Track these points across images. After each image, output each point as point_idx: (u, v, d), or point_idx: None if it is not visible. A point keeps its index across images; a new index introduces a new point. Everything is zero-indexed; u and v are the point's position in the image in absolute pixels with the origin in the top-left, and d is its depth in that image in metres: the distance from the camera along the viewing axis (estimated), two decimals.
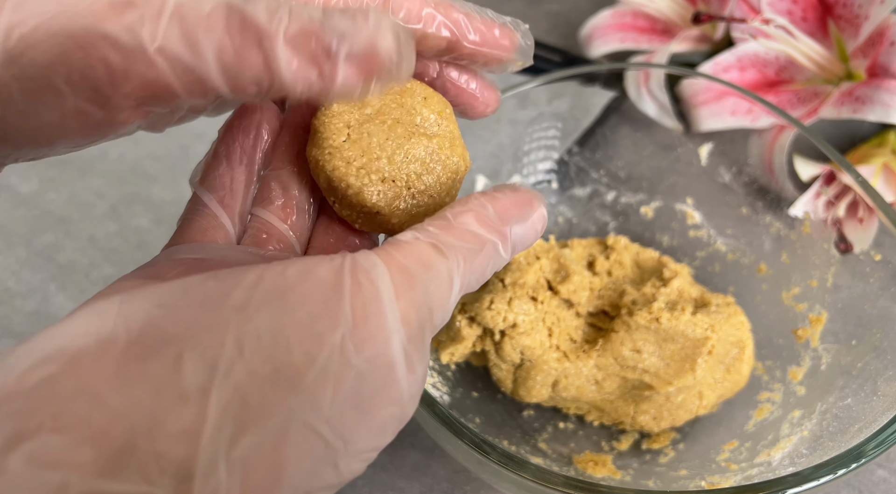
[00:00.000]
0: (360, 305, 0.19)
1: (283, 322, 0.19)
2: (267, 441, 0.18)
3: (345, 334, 0.19)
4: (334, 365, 0.19)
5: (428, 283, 0.20)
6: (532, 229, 0.24)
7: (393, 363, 0.20)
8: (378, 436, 0.20)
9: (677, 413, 0.38)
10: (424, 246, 0.21)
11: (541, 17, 0.64)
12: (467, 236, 0.22)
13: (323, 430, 0.19)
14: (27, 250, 0.49)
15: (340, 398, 0.19)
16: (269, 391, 0.18)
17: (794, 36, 0.48)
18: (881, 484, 0.39)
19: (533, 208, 0.24)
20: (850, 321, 0.38)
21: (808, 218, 0.42)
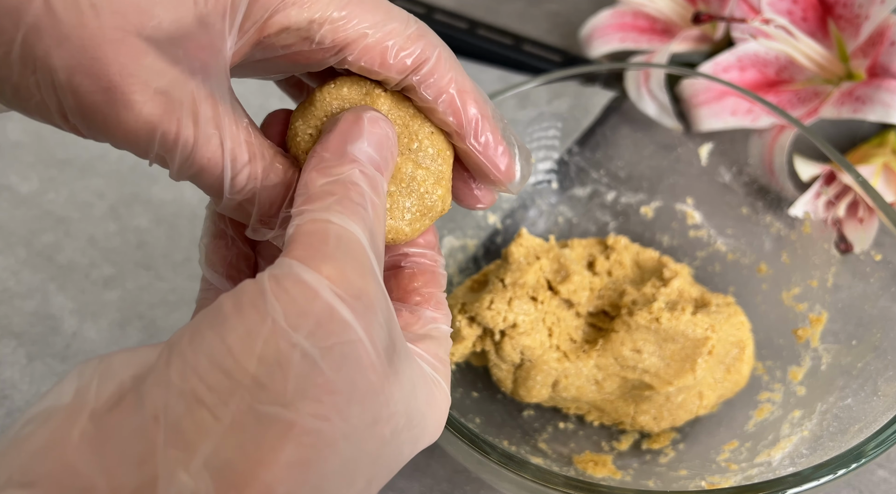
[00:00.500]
0: (284, 293, 0.19)
1: (218, 332, 0.19)
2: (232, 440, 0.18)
3: (274, 319, 0.19)
4: (271, 351, 0.19)
5: (335, 246, 0.21)
6: (375, 136, 0.24)
7: (340, 332, 0.19)
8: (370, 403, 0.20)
9: (677, 413, 0.38)
10: (307, 224, 0.21)
11: (541, 17, 0.64)
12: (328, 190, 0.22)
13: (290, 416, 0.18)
14: (27, 250, 0.49)
15: (296, 379, 0.19)
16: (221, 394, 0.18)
17: (795, 36, 0.48)
18: (881, 484, 0.39)
19: (360, 120, 0.24)
20: (850, 321, 0.38)
21: (809, 218, 0.42)
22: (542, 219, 0.47)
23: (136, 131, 0.22)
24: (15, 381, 0.43)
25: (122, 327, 0.45)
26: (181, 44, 0.22)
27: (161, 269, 0.48)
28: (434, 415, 0.24)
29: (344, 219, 0.21)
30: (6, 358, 0.44)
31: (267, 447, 0.18)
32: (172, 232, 0.49)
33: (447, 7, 0.61)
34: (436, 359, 0.25)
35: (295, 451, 0.18)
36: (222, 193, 0.24)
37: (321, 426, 0.19)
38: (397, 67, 0.25)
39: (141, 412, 0.18)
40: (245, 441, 0.18)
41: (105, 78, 0.21)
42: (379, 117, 0.24)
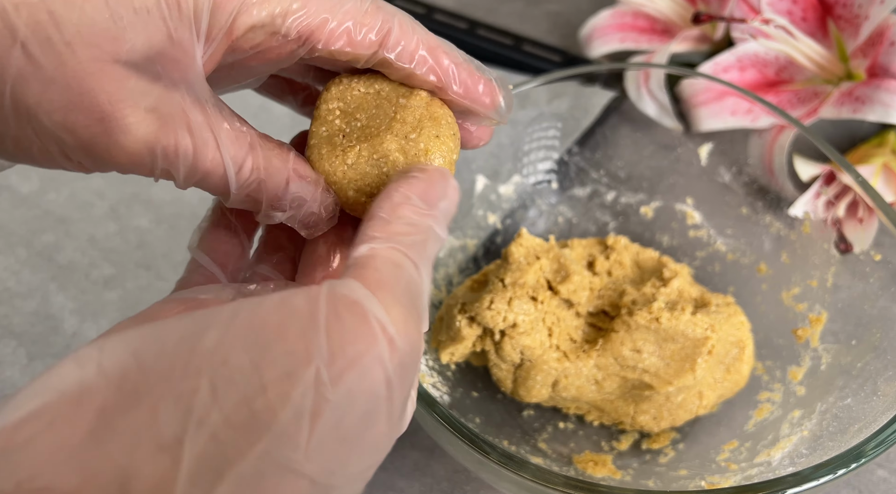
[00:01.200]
0: (338, 333, 0.19)
1: (257, 362, 0.18)
2: (244, 488, 0.18)
3: (319, 367, 0.18)
4: (308, 402, 0.18)
5: (405, 290, 0.20)
6: (453, 203, 0.24)
7: (376, 390, 0.19)
8: (371, 455, 0.20)
9: (677, 413, 0.38)
10: (386, 251, 0.21)
11: (541, 17, 0.64)
12: (410, 230, 0.22)
13: (305, 469, 0.18)
14: (27, 250, 0.49)
15: (320, 434, 0.18)
16: (244, 435, 0.18)
17: (794, 36, 0.48)
18: (881, 484, 0.39)
19: (446, 181, 0.24)
20: (850, 321, 0.38)
21: (808, 218, 0.42)
22: (542, 219, 0.47)
23: (137, 153, 0.22)
24: (15, 381, 0.43)
25: None
26: (157, 61, 0.22)
27: (161, 269, 0.48)
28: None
29: (423, 263, 0.21)
30: (6, 358, 0.44)
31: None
32: (172, 232, 0.49)
33: (447, 7, 0.61)
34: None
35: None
36: (229, 191, 0.24)
37: (326, 480, 0.19)
38: (364, 44, 0.25)
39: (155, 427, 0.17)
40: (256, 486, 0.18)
41: (97, 109, 0.21)
42: (456, 185, 0.25)
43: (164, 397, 0.18)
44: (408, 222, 0.22)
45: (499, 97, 0.28)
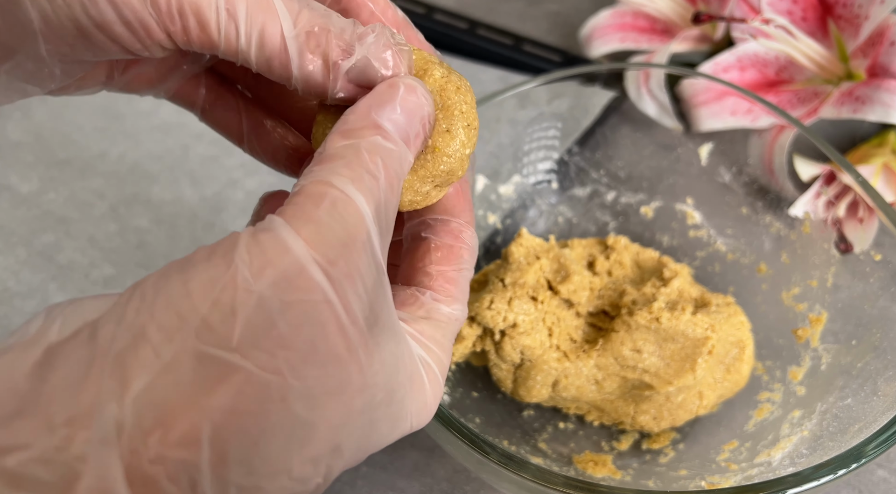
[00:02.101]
0: (256, 246, 0.19)
1: (185, 279, 0.19)
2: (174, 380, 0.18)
3: (238, 266, 0.19)
4: (228, 296, 0.18)
5: (327, 211, 0.20)
6: (408, 103, 0.23)
7: (305, 290, 0.19)
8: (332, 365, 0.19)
9: (677, 413, 0.38)
10: (309, 186, 0.21)
11: (541, 17, 0.64)
12: (341, 154, 0.21)
13: (238, 361, 0.18)
14: (27, 250, 0.49)
15: (249, 327, 0.18)
16: (170, 334, 0.18)
17: (794, 36, 0.48)
18: (881, 484, 0.39)
19: (394, 87, 0.23)
20: (850, 321, 0.38)
21: (808, 218, 0.42)
22: (542, 219, 0.47)
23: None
24: None
25: None
26: None
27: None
28: (417, 398, 0.23)
29: (347, 184, 0.21)
30: None
31: (203, 388, 0.18)
32: (172, 232, 0.49)
33: (447, 7, 0.61)
34: (431, 341, 0.24)
35: (233, 398, 0.18)
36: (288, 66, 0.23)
37: (268, 379, 0.18)
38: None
39: (91, 345, 0.18)
40: (181, 379, 0.18)
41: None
42: (417, 86, 0.23)
43: (100, 319, 0.19)
44: (338, 148, 0.22)
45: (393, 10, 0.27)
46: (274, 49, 0.22)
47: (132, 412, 0.17)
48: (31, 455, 0.17)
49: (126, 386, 0.18)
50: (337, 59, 0.23)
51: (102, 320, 0.19)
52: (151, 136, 0.55)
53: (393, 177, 0.22)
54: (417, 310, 0.25)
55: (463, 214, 0.27)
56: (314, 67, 0.23)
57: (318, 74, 0.23)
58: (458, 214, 0.27)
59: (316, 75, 0.23)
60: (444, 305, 0.26)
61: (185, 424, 0.18)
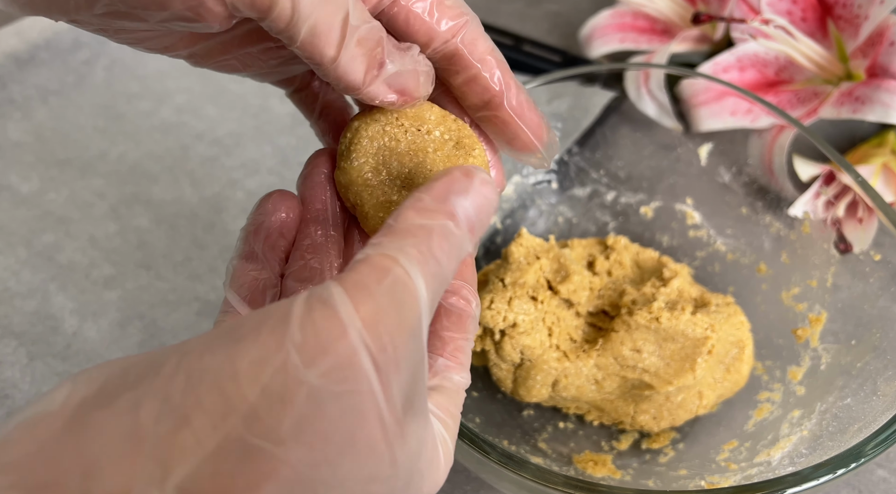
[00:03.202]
0: (311, 324, 0.18)
1: (231, 354, 0.18)
2: (214, 469, 0.17)
3: (290, 351, 0.18)
4: (279, 384, 0.18)
5: (388, 290, 0.19)
6: (480, 196, 0.23)
7: (356, 378, 0.18)
8: (366, 458, 0.19)
9: (677, 413, 0.38)
10: (376, 257, 0.20)
11: (541, 17, 0.64)
12: (412, 232, 0.21)
13: (280, 454, 0.18)
14: (27, 250, 0.49)
15: (296, 418, 0.18)
16: (213, 419, 0.17)
17: (794, 36, 0.48)
18: (881, 484, 0.39)
19: (470, 177, 0.23)
20: (849, 320, 0.38)
21: (808, 218, 0.42)
22: (542, 219, 0.47)
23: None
24: (16, 381, 0.43)
25: (123, 326, 0.45)
26: None
27: (161, 269, 0.48)
28: (433, 476, 0.23)
29: (413, 266, 0.20)
30: (7, 358, 0.44)
31: (246, 480, 0.17)
32: (172, 232, 0.50)
33: None
34: (445, 414, 0.24)
35: (275, 489, 0.17)
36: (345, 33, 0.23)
37: (307, 473, 0.18)
38: (440, 26, 0.25)
39: (133, 419, 0.18)
40: (224, 470, 0.17)
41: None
42: (489, 181, 0.23)
43: (142, 391, 0.18)
44: (411, 225, 0.21)
45: (547, 133, 0.28)
46: (324, 32, 0.23)
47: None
48: None
49: (168, 472, 0.17)
50: (384, 59, 0.24)
51: (145, 393, 0.18)
52: (151, 136, 0.55)
53: (454, 265, 0.22)
54: (432, 378, 0.25)
55: (472, 281, 0.27)
56: (359, 64, 0.24)
57: (360, 71, 0.24)
58: (467, 281, 0.27)
59: (358, 72, 0.24)
60: (454, 373, 0.25)
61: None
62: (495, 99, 0.27)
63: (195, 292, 0.47)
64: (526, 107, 0.27)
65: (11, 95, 0.57)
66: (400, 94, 0.25)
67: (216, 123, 0.56)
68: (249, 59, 0.27)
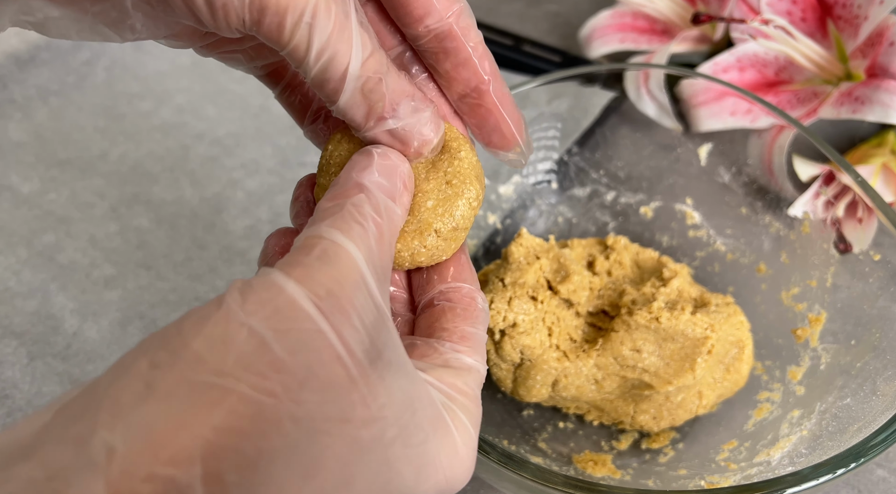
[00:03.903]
0: (249, 288, 0.20)
1: (178, 323, 0.19)
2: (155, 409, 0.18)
3: (229, 304, 0.19)
4: (218, 330, 0.19)
5: (318, 257, 0.21)
6: (383, 166, 0.25)
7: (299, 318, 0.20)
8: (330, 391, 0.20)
9: (677, 413, 0.38)
10: (300, 241, 0.22)
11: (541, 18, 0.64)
12: (328, 212, 0.23)
13: (232, 385, 0.18)
14: (28, 250, 0.49)
15: (238, 354, 0.19)
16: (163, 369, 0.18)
17: (794, 36, 0.48)
18: (880, 484, 0.39)
19: (369, 153, 0.25)
20: (849, 320, 0.38)
21: (808, 218, 0.42)
22: (541, 219, 0.47)
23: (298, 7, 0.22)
24: (16, 380, 0.43)
25: (123, 326, 0.45)
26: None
27: (161, 269, 0.48)
28: (445, 445, 0.23)
29: (336, 234, 0.22)
30: (7, 358, 0.44)
31: (194, 412, 0.18)
32: (172, 232, 0.50)
33: None
34: (452, 388, 0.24)
35: (226, 418, 0.18)
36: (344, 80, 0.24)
37: (263, 400, 0.18)
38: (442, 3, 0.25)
39: (90, 389, 0.18)
40: (173, 405, 0.18)
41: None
42: (389, 151, 0.25)
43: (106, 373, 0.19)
44: (325, 208, 0.23)
45: (525, 130, 0.28)
46: (334, 77, 0.24)
47: (123, 437, 0.17)
48: (19, 486, 0.17)
49: (118, 417, 0.18)
50: (385, 114, 0.25)
51: (105, 374, 0.19)
52: (152, 136, 0.55)
53: (382, 227, 0.23)
54: (436, 359, 0.25)
55: (472, 281, 0.28)
56: (359, 109, 0.25)
57: (359, 116, 0.25)
58: (467, 282, 0.28)
59: (357, 116, 0.25)
60: (463, 355, 0.26)
61: (178, 443, 0.18)
62: (482, 86, 0.27)
63: (195, 293, 0.47)
64: (508, 101, 0.28)
65: (12, 95, 0.57)
66: (398, 147, 0.26)
67: (216, 123, 0.56)
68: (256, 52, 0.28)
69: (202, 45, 0.27)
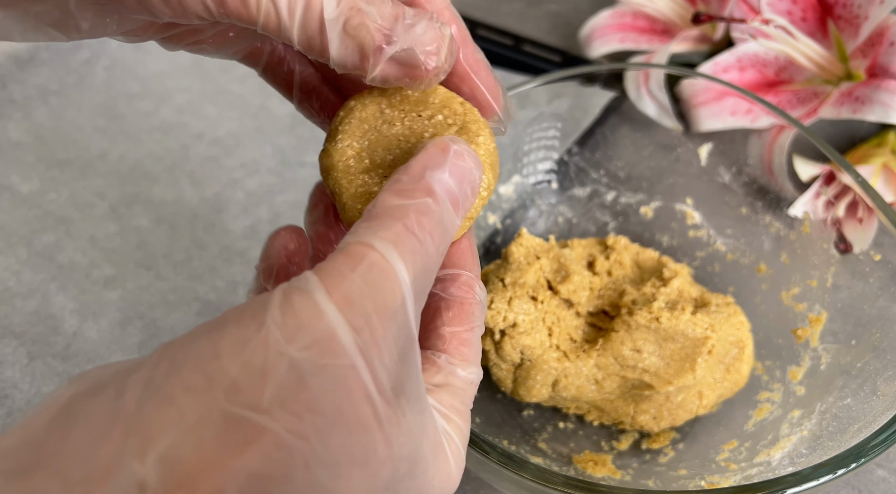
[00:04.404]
0: (289, 307, 0.19)
1: (215, 339, 0.18)
2: (203, 439, 0.17)
3: (271, 329, 0.18)
4: (259, 358, 0.18)
5: (363, 275, 0.20)
6: (458, 168, 0.22)
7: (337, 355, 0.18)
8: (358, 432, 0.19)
9: (677, 413, 0.38)
10: (351, 246, 0.20)
11: (541, 17, 0.64)
12: (389, 214, 0.21)
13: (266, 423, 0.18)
14: (27, 250, 0.49)
15: (279, 389, 0.18)
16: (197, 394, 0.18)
17: (794, 36, 0.48)
18: (881, 484, 0.39)
19: (446, 150, 0.22)
20: (849, 320, 0.38)
21: (808, 218, 0.42)
22: (541, 219, 0.47)
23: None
24: (16, 381, 0.43)
25: (123, 326, 0.45)
26: None
27: (161, 269, 0.48)
28: (441, 471, 0.23)
29: (389, 248, 0.20)
30: (7, 358, 0.44)
31: (228, 449, 0.17)
32: (172, 232, 0.50)
33: None
34: (451, 411, 0.24)
35: (259, 462, 0.17)
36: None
37: (295, 444, 0.18)
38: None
39: (116, 404, 0.18)
40: (207, 439, 0.17)
41: None
42: (466, 151, 0.23)
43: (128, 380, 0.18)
44: (389, 207, 0.21)
45: (502, 95, 0.27)
46: (314, 30, 0.22)
47: (155, 471, 0.17)
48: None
49: (149, 445, 0.17)
50: (380, 43, 0.23)
51: (130, 381, 0.18)
52: (152, 136, 0.55)
53: (439, 241, 0.22)
54: (434, 376, 0.25)
55: (472, 268, 0.27)
56: (351, 51, 0.23)
57: (355, 57, 0.23)
58: (467, 268, 0.27)
59: (353, 58, 0.23)
60: (459, 368, 0.25)
61: (211, 485, 0.17)
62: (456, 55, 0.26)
63: (195, 293, 0.47)
64: (482, 67, 0.26)
65: (12, 95, 0.57)
66: (405, 72, 0.24)
67: (216, 123, 0.56)
68: (222, 39, 0.27)
69: (163, 37, 0.26)
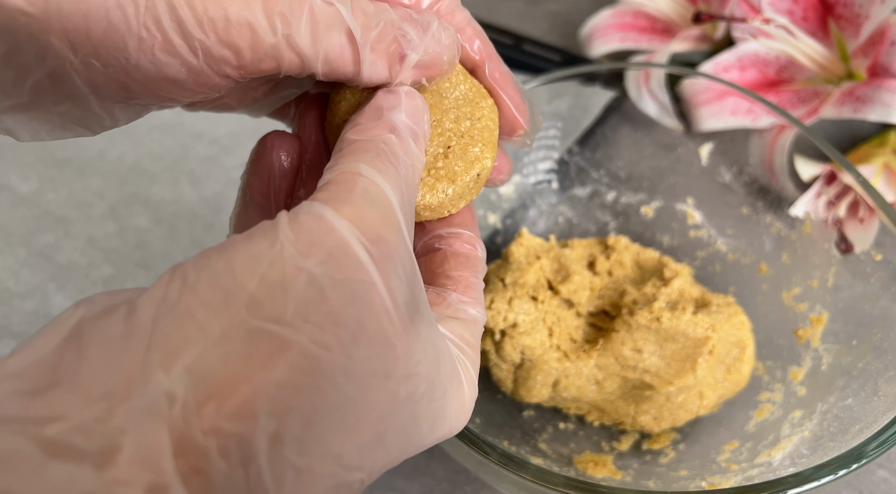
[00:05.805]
0: (299, 225, 0.19)
1: (228, 257, 0.18)
2: (227, 351, 0.17)
3: (284, 244, 0.18)
4: (275, 273, 0.18)
5: (362, 195, 0.20)
6: (411, 106, 0.24)
7: (354, 266, 0.19)
8: (379, 345, 0.19)
9: (678, 413, 0.38)
10: (338, 175, 0.21)
11: (541, 17, 0.64)
12: (361, 148, 0.22)
13: (289, 335, 0.18)
14: (26, 250, 0.48)
15: (300, 302, 0.18)
16: (217, 309, 0.17)
17: (795, 35, 0.48)
18: (882, 485, 0.39)
19: (396, 92, 0.24)
20: (850, 321, 0.38)
21: (809, 218, 0.42)
22: (542, 219, 0.47)
23: None
24: None
25: None
26: None
27: (161, 269, 0.48)
28: (457, 398, 0.23)
29: (374, 174, 0.21)
30: None
31: (256, 361, 0.17)
32: (172, 232, 0.49)
33: None
34: (462, 341, 0.24)
35: (287, 372, 0.17)
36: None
37: (320, 354, 0.18)
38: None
39: (129, 321, 0.17)
40: (232, 352, 0.17)
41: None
42: (414, 92, 0.24)
43: (140, 300, 0.18)
44: (356, 142, 0.22)
45: (529, 108, 0.28)
46: (338, 58, 0.23)
47: (184, 383, 0.17)
48: (70, 425, 0.16)
49: (173, 358, 0.17)
50: (405, 51, 0.24)
51: (141, 300, 0.18)
52: (151, 136, 0.55)
53: (409, 171, 0.22)
54: (445, 309, 0.25)
55: (473, 228, 0.28)
56: (381, 66, 0.24)
57: (383, 71, 0.24)
58: (468, 228, 0.28)
59: (382, 73, 0.24)
60: (469, 306, 0.26)
61: (242, 396, 0.17)
62: (477, 69, 0.26)
63: None
64: (508, 81, 0.27)
65: None
66: (427, 74, 0.25)
67: (215, 122, 0.56)
68: (241, 93, 0.27)
69: (187, 104, 0.26)
